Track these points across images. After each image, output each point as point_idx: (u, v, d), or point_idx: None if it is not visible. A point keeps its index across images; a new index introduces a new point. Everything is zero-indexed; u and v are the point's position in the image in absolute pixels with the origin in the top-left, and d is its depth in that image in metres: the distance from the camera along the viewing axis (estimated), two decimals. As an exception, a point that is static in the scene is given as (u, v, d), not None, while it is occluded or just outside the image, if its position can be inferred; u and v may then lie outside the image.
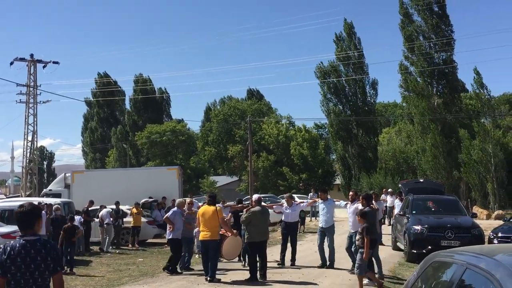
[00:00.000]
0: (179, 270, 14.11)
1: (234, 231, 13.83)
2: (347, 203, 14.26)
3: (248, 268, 12.97)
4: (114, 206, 21.66)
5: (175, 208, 14.69)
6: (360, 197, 13.18)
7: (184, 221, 14.35)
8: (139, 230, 21.79)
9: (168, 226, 14.38)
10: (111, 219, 20.84)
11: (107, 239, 20.51)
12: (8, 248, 4.28)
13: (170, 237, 14.24)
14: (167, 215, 14.56)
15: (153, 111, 76.06)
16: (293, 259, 14.76)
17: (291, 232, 14.93)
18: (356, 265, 11.21)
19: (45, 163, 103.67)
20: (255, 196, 14.84)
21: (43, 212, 16.15)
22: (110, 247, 20.74)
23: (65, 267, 14.24)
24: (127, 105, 79.91)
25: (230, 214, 16.06)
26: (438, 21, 40.97)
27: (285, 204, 15.38)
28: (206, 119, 77.89)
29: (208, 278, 12.35)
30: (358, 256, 11.22)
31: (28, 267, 4.22)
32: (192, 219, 14.62)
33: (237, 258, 15.04)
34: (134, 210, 21.81)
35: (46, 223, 16.18)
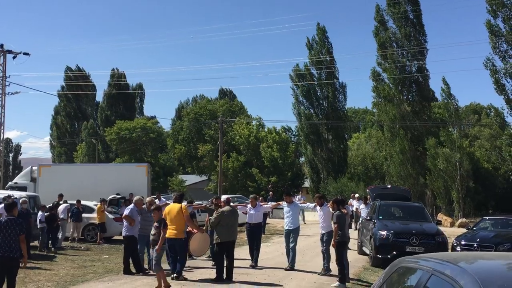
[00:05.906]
0: (147, 269, 13.63)
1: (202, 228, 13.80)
2: (315, 205, 14.47)
3: (215, 267, 12.96)
4: (73, 202, 21.28)
5: (132, 205, 14.19)
6: (331, 201, 13.40)
7: (143, 219, 13.89)
8: (104, 226, 21.55)
9: (124, 223, 13.90)
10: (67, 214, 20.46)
11: (60, 235, 19.73)
12: None
13: (127, 234, 13.74)
14: (125, 212, 13.95)
15: (126, 106, 75.55)
16: (255, 260, 14.75)
17: (254, 233, 15.00)
18: (153, 261, 11.40)
19: (10, 155, 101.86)
20: (223, 197, 14.80)
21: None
22: (76, 243, 20.51)
23: (51, 247, 18.48)
24: (100, 100, 79.16)
25: None
26: (413, 29, 41.40)
27: (249, 205, 15.47)
28: (178, 117, 77.50)
29: (174, 275, 12.30)
30: (154, 253, 11.42)
31: (7, 230, 8.98)
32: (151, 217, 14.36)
33: (205, 256, 14.97)
34: (100, 207, 21.56)
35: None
